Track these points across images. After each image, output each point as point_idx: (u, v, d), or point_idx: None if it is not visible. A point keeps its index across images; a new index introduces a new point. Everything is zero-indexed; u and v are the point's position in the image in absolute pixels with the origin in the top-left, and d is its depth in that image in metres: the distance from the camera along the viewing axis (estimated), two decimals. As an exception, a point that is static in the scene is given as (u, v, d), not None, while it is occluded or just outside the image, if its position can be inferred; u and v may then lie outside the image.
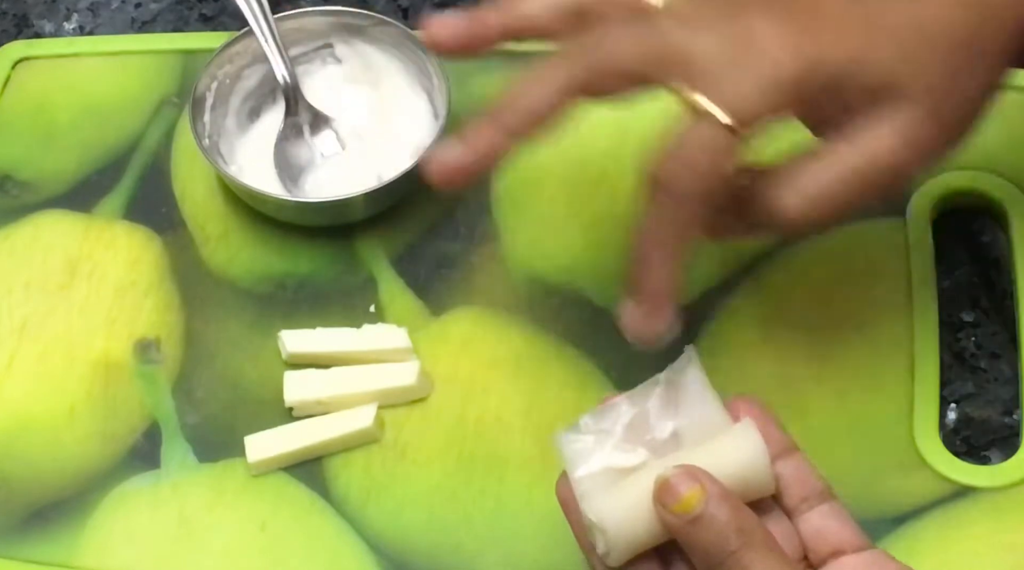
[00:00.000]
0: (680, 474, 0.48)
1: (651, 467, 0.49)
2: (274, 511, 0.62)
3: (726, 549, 0.46)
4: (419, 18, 0.80)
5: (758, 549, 0.47)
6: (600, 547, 0.49)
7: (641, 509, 0.48)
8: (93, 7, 0.82)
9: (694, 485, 0.47)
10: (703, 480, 0.47)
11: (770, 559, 0.47)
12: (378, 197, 0.68)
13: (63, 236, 0.71)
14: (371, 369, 0.65)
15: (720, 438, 0.50)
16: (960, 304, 0.67)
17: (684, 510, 0.47)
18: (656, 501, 0.48)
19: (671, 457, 0.49)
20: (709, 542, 0.47)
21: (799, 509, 0.51)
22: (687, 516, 0.47)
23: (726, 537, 0.47)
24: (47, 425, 0.65)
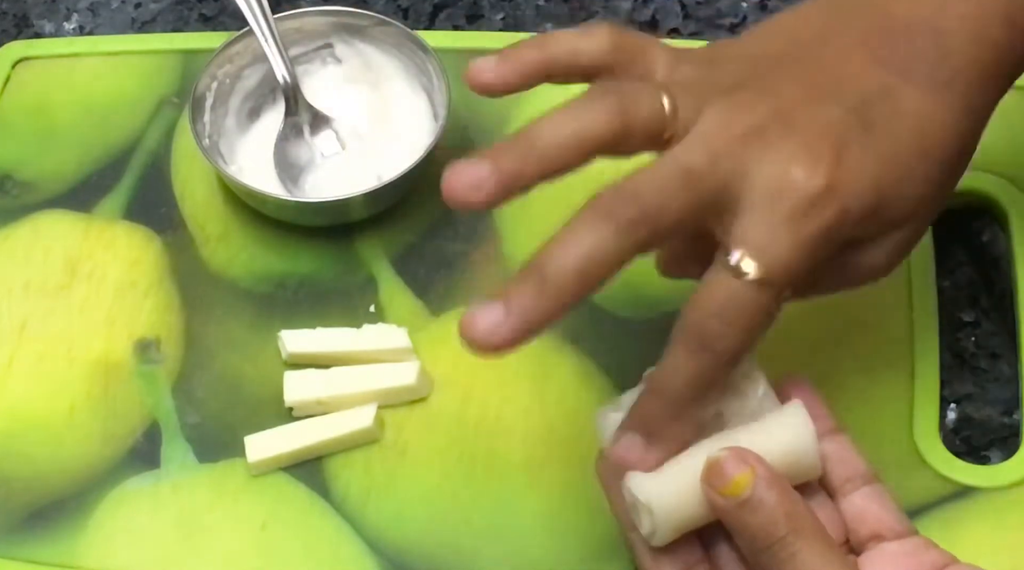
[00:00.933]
0: (731, 456, 0.47)
1: (697, 447, 0.49)
2: (274, 511, 0.62)
3: (774, 534, 0.46)
4: (419, 18, 0.80)
5: (806, 535, 0.46)
6: (645, 527, 0.49)
7: (688, 490, 0.48)
8: (93, 7, 0.82)
9: (744, 468, 0.47)
10: (753, 463, 0.47)
11: (818, 546, 0.46)
12: (378, 197, 0.68)
13: (63, 236, 0.71)
14: (371, 369, 0.65)
15: (768, 419, 0.50)
16: (960, 304, 0.67)
17: (733, 493, 0.47)
18: (705, 482, 0.48)
19: (717, 438, 0.49)
20: (757, 526, 0.47)
21: (842, 490, 0.51)
22: (736, 499, 0.47)
23: (774, 522, 0.46)
24: (47, 425, 0.65)
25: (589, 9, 0.79)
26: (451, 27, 0.79)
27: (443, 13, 0.80)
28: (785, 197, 0.47)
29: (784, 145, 0.47)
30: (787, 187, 0.47)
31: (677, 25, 0.78)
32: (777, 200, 0.47)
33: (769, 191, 0.47)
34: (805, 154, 0.47)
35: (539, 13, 0.79)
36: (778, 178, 0.47)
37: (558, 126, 0.48)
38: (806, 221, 0.47)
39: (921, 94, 0.49)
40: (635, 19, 0.79)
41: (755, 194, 0.47)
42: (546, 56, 0.52)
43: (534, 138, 0.47)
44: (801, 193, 0.47)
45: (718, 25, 0.78)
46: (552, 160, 0.48)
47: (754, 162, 0.47)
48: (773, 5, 0.79)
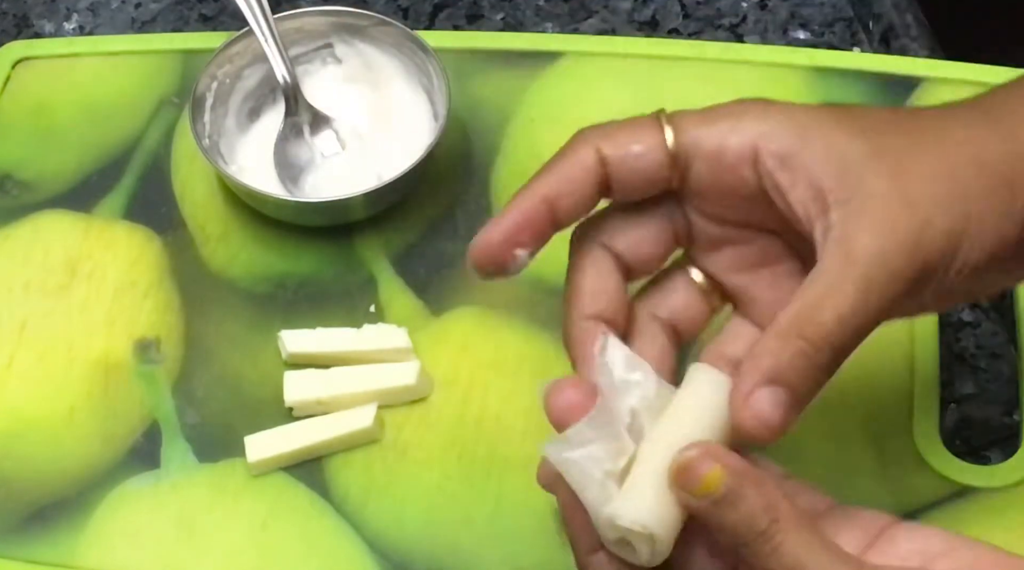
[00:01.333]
0: (698, 454, 0.46)
1: (644, 455, 0.48)
2: (274, 511, 0.62)
3: (755, 528, 0.45)
4: (419, 18, 0.80)
5: (786, 525, 0.45)
6: (644, 555, 0.47)
7: (666, 499, 0.47)
8: (93, 7, 0.82)
9: (713, 464, 0.46)
10: (721, 457, 0.46)
11: (800, 534, 0.45)
12: (378, 197, 0.68)
13: (63, 236, 0.71)
14: (371, 369, 0.65)
15: (680, 395, 0.49)
16: (960, 304, 0.67)
17: (707, 491, 0.46)
18: (675, 485, 0.46)
19: (651, 437, 0.48)
20: (737, 522, 0.45)
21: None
22: (710, 497, 0.45)
23: (753, 516, 0.45)
24: (47, 425, 0.65)
25: (589, 9, 0.79)
26: (451, 27, 0.79)
27: (443, 13, 0.80)
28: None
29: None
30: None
31: (677, 25, 0.79)
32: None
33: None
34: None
35: (539, 13, 0.80)
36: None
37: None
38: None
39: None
40: (635, 19, 0.79)
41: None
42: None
43: None
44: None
45: (718, 25, 0.78)
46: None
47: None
48: (773, 4, 0.79)
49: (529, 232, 0.50)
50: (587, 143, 0.50)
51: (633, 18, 0.79)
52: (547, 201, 0.49)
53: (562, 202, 0.50)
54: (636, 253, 0.51)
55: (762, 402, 0.47)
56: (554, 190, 0.50)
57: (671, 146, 0.49)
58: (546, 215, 0.50)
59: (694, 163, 0.49)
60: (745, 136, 0.48)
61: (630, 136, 0.50)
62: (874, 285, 0.47)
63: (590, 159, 0.49)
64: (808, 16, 0.78)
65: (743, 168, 0.49)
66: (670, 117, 0.50)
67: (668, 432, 0.48)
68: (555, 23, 0.79)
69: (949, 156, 0.48)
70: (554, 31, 0.79)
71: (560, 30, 0.79)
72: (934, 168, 0.48)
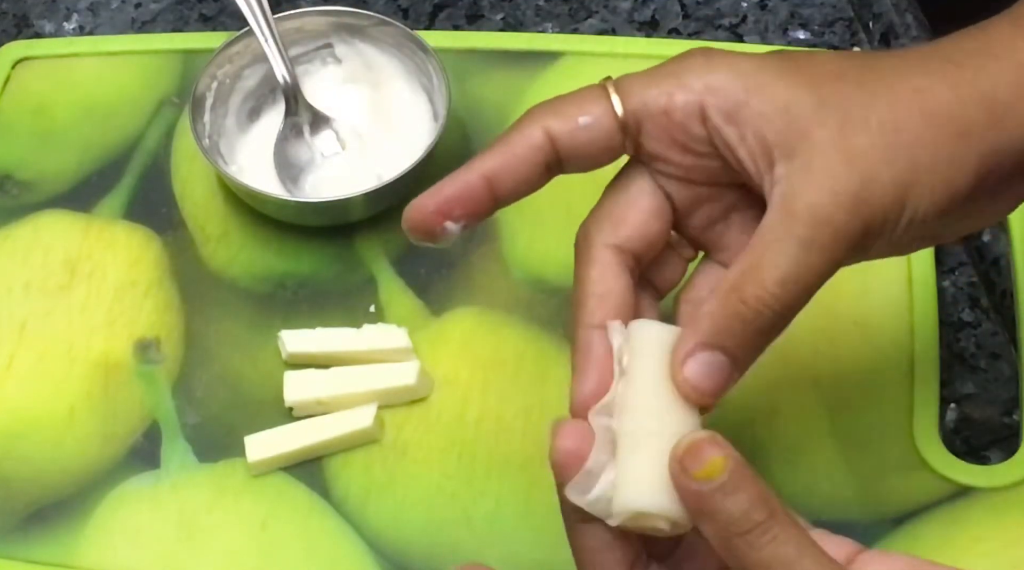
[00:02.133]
0: (707, 437, 0.45)
1: (624, 436, 0.47)
2: (274, 511, 0.62)
3: (754, 518, 0.44)
4: (419, 18, 0.80)
5: (782, 520, 0.44)
6: (666, 530, 0.46)
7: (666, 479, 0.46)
8: (93, 7, 0.82)
9: (719, 450, 0.44)
10: (724, 446, 0.45)
11: (793, 530, 0.45)
12: (378, 197, 0.68)
13: (63, 236, 0.71)
14: (371, 369, 0.65)
15: (634, 361, 0.48)
16: (960, 304, 0.67)
17: (708, 476, 0.44)
18: (678, 466, 0.45)
19: (623, 415, 0.47)
20: (734, 510, 0.44)
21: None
22: (711, 483, 0.44)
23: (754, 505, 0.44)
24: (47, 425, 0.65)
25: (589, 9, 0.79)
26: (451, 27, 0.79)
27: (443, 13, 0.80)
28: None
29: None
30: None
31: (677, 25, 0.79)
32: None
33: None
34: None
35: (539, 13, 0.80)
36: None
37: None
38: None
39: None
40: (635, 19, 0.79)
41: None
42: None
43: None
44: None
45: (718, 25, 0.78)
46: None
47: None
48: (773, 4, 0.79)
49: (462, 207, 0.49)
50: (534, 121, 0.49)
51: (633, 18, 0.79)
52: (486, 178, 0.49)
53: (503, 180, 0.49)
54: (643, 238, 0.50)
55: (696, 368, 0.47)
56: (496, 168, 0.49)
57: (619, 112, 0.49)
58: (483, 192, 0.49)
59: (644, 125, 0.49)
60: (691, 93, 0.48)
61: (577, 108, 0.49)
62: (815, 244, 0.46)
63: (537, 137, 0.49)
64: (808, 16, 0.78)
65: (692, 125, 0.48)
66: (616, 83, 0.49)
67: (635, 407, 0.47)
68: (555, 23, 0.79)
69: (898, 105, 0.47)
70: (554, 31, 0.79)
71: (560, 30, 0.79)
72: (881, 118, 0.47)
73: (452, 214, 0.49)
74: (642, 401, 0.47)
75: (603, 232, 0.50)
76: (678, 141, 0.49)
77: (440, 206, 0.50)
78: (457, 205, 0.49)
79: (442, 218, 0.50)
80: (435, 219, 0.50)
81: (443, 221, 0.50)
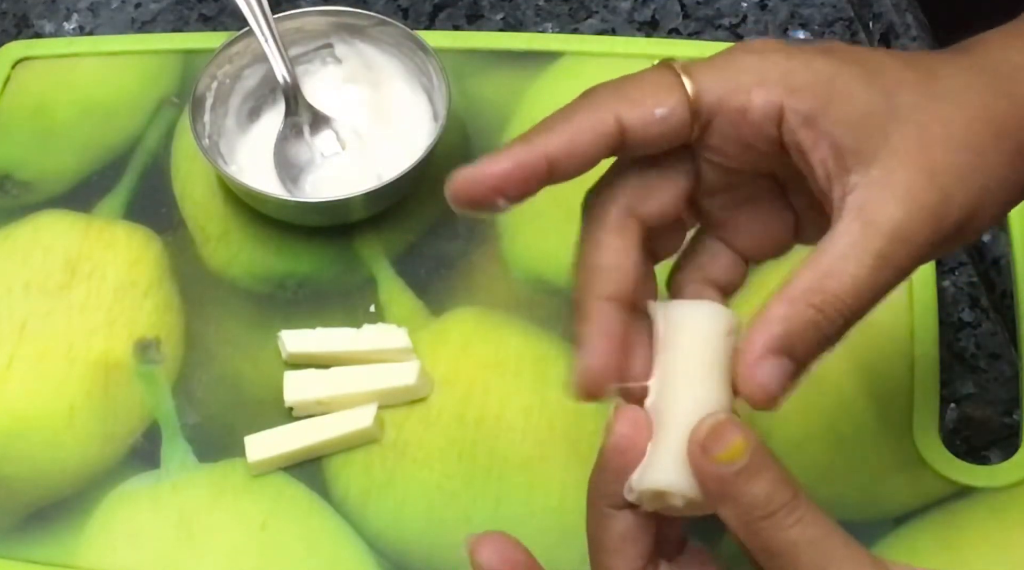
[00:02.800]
0: (727, 419, 0.44)
1: (665, 411, 0.46)
2: (274, 511, 0.62)
3: (779, 500, 0.44)
4: (419, 18, 0.80)
5: (806, 503, 0.44)
6: (684, 508, 0.46)
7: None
8: (93, 7, 0.82)
9: (739, 432, 0.44)
10: (746, 430, 0.44)
11: (819, 511, 0.44)
12: (378, 197, 0.68)
13: (63, 236, 0.71)
14: (371, 369, 0.65)
15: (666, 340, 0.47)
16: (960, 304, 0.67)
17: (730, 458, 0.44)
18: (698, 449, 0.44)
19: (667, 398, 0.47)
20: (759, 493, 0.44)
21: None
22: (732, 465, 0.44)
23: (778, 486, 0.44)
24: (47, 425, 0.65)
25: (589, 9, 0.79)
26: (451, 27, 0.79)
27: (443, 13, 0.80)
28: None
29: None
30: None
31: (677, 25, 0.79)
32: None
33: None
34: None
35: (539, 13, 0.80)
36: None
37: None
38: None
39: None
40: (635, 19, 0.79)
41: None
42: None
43: None
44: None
45: (718, 25, 0.78)
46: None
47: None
48: (773, 4, 0.79)
49: (520, 185, 0.47)
50: (605, 105, 0.47)
51: (633, 18, 0.79)
52: (549, 159, 0.47)
53: (564, 162, 0.47)
54: (660, 214, 0.49)
55: (767, 373, 0.46)
56: (561, 149, 0.47)
57: (694, 104, 0.47)
58: (543, 172, 0.47)
59: (715, 120, 0.48)
60: (771, 94, 0.47)
61: (652, 97, 0.47)
62: (892, 258, 0.46)
63: (608, 124, 0.47)
64: (808, 16, 0.78)
65: (767, 126, 0.47)
66: (688, 71, 0.48)
67: (672, 381, 0.47)
68: (555, 23, 0.79)
69: (969, 121, 0.47)
70: (554, 31, 0.79)
71: (560, 30, 0.79)
72: (955, 135, 0.47)
73: (508, 192, 0.47)
74: (682, 384, 0.47)
75: (628, 199, 0.49)
76: (744, 139, 0.48)
77: (497, 183, 0.47)
78: (517, 183, 0.47)
79: (497, 195, 0.47)
80: (490, 195, 0.47)
81: (498, 197, 0.48)
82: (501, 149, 0.47)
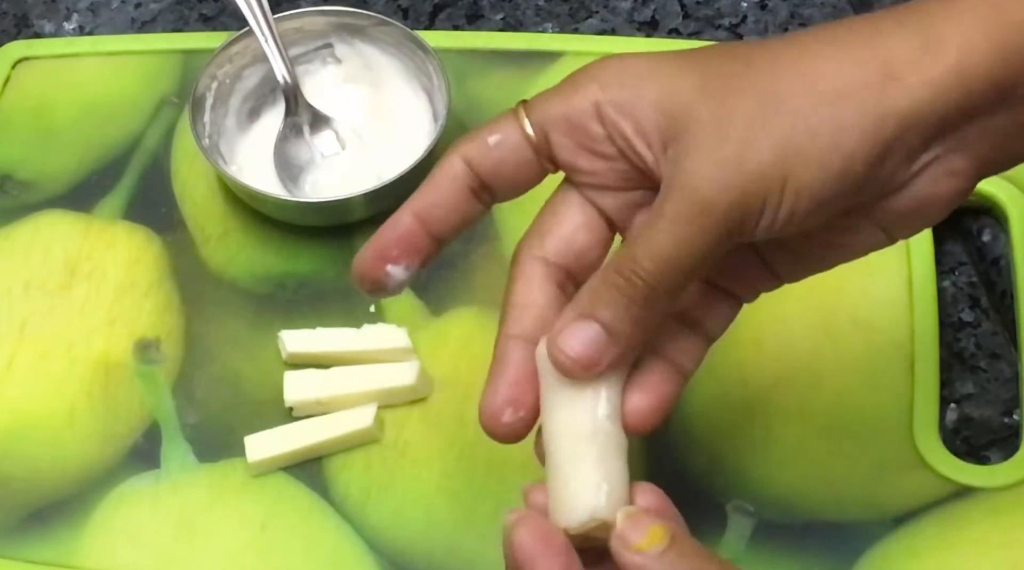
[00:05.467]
0: (639, 512, 0.46)
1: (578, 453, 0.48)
2: (274, 511, 0.62)
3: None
4: (419, 18, 0.80)
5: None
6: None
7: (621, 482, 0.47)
8: (93, 7, 0.82)
9: (654, 521, 0.45)
10: (660, 517, 0.46)
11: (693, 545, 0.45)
12: (378, 197, 0.68)
13: (63, 236, 0.71)
14: (371, 369, 0.65)
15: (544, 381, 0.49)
16: (960, 304, 0.67)
17: (649, 545, 0.45)
18: (618, 541, 0.45)
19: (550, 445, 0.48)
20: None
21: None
22: (655, 550, 0.45)
23: (706, 562, 0.45)
24: (47, 425, 0.65)
25: (589, 9, 0.79)
26: (451, 27, 0.79)
27: (443, 13, 0.80)
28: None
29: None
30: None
31: (677, 25, 0.79)
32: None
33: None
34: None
35: (539, 13, 0.80)
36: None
37: None
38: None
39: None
40: (635, 19, 0.79)
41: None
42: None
43: None
44: None
45: (718, 25, 0.78)
46: None
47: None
48: (773, 4, 0.79)
49: (399, 248, 0.50)
50: (453, 151, 0.50)
51: (633, 18, 0.79)
52: (416, 215, 0.50)
53: (433, 214, 0.50)
54: (571, 250, 0.50)
55: (571, 337, 0.47)
56: (424, 204, 0.50)
57: (528, 128, 0.49)
58: (417, 230, 0.50)
59: (551, 136, 0.49)
60: (587, 94, 0.48)
61: (488, 131, 0.50)
62: (686, 216, 0.46)
63: (456, 165, 0.50)
64: (808, 16, 0.78)
65: (591, 125, 0.48)
66: (524, 104, 0.50)
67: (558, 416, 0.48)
68: (555, 23, 0.79)
69: (779, 75, 0.46)
70: (554, 31, 0.79)
71: (560, 30, 0.79)
72: (761, 89, 0.46)
73: (390, 257, 0.50)
74: (564, 419, 0.48)
75: (531, 245, 0.50)
76: (583, 145, 0.49)
77: (377, 253, 0.50)
78: (393, 248, 0.50)
79: (382, 263, 0.50)
80: (376, 265, 0.50)
81: (384, 266, 0.50)
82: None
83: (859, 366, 0.64)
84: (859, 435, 0.62)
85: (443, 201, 0.50)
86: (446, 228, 0.50)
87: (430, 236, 0.50)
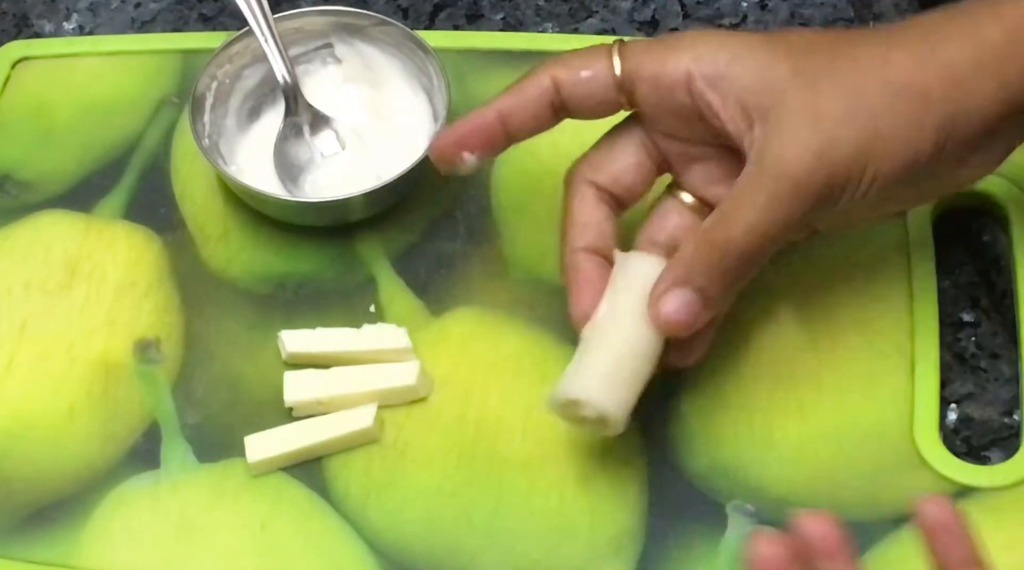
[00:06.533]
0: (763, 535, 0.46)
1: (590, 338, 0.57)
2: (274, 511, 0.62)
3: None
4: (419, 18, 0.80)
5: None
6: (600, 429, 0.56)
7: (624, 376, 0.55)
8: (93, 7, 0.82)
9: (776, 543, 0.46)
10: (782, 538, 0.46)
11: None
12: (378, 197, 0.68)
13: (63, 236, 0.71)
14: (371, 369, 0.65)
15: (619, 285, 0.57)
16: (960, 304, 0.67)
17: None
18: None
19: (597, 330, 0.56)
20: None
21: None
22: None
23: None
24: (47, 425, 0.65)
25: (589, 9, 0.79)
26: (451, 27, 0.79)
27: (443, 13, 0.80)
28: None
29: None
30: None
31: (677, 25, 0.78)
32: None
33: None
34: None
35: (539, 13, 0.79)
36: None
37: None
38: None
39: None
40: (635, 19, 0.79)
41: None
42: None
43: None
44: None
45: (718, 25, 0.78)
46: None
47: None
48: (773, 4, 0.79)
49: (478, 139, 0.58)
50: (544, 69, 0.57)
51: (633, 18, 0.79)
52: (500, 115, 0.58)
53: (514, 117, 0.58)
54: (619, 183, 0.58)
55: (670, 303, 0.55)
56: (508, 106, 0.58)
57: (617, 71, 0.56)
58: (497, 126, 0.58)
59: (638, 87, 0.56)
60: (680, 61, 0.55)
61: (582, 62, 0.57)
62: (778, 195, 0.53)
63: (545, 82, 0.57)
64: (808, 16, 0.78)
65: (678, 91, 0.55)
66: (620, 46, 0.56)
67: (615, 316, 0.56)
68: (555, 23, 0.79)
69: (861, 73, 0.53)
70: (554, 31, 0.79)
71: (560, 30, 0.79)
72: (845, 84, 0.53)
73: (469, 145, 0.58)
74: (613, 320, 0.56)
75: (584, 171, 0.58)
76: (666, 103, 0.55)
77: (459, 139, 0.58)
78: (474, 138, 0.58)
79: (460, 149, 0.58)
80: (455, 150, 0.58)
81: (461, 151, 0.58)
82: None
83: (859, 366, 0.64)
84: (859, 435, 0.62)
85: (525, 108, 0.57)
86: (522, 131, 0.58)
87: (506, 134, 0.58)
